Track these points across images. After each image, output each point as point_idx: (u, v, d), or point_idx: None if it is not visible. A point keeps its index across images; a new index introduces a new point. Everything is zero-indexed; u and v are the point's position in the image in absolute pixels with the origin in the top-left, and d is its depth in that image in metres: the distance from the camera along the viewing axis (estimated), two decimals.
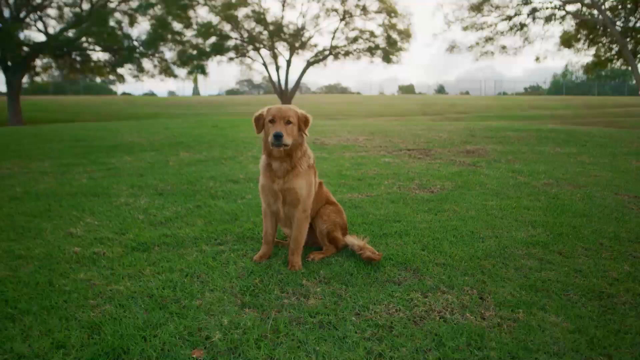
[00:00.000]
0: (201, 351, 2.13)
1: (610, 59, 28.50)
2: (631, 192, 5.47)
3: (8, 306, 2.51)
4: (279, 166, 3.11)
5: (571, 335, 2.34)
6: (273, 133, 2.91)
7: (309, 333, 2.31)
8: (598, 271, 3.17)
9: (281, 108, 3.08)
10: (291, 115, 3.04)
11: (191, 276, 2.93)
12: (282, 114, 3.02)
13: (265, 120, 3.05)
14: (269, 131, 2.99)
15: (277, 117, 3.00)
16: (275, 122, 2.99)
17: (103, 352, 2.08)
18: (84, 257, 3.21)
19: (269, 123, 3.02)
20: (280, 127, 2.96)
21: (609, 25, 22.85)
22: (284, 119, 3.00)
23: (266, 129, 3.06)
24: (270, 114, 3.04)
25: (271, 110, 3.08)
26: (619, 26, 26.06)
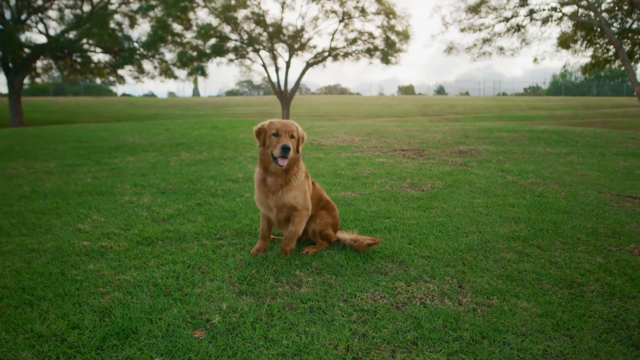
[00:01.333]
0: (202, 332, 2.36)
1: (608, 60, 28.70)
2: (614, 191, 5.71)
3: (25, 293, 2.74)
4: (274, 181, 3.20)
5: (539, 319, 2.58)
6: (281, 145, 2.99)
7: (300, 317, 2.54)
8: (572, 263, 3.40)
9: (285, 122, 3.13)
10: (294, 130, 3.13)
11: (192, 267, 3.16)
12: (286, 128, 3.09)
13: (268, 133, 3.11)
14: (273, 144, 3.06)
15: (281, 130, 3.07)
16: (280, 136, 3.06)
17: (114, 332, 2.31)
18: (92, 251, 3.44)
19: (272, 136, 3.08)
20: (286, 140, 3.04)
21: (605, 27, 23.09)
22: (289, 133, 3.09)
23: (269, 141, 3.11)
24: (274, 127, 3.10)
25: (274, 124, 3.13)
26: (615, 27, 26.34)
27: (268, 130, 3.13)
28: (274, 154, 3.07)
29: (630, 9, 24.75)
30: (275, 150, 3.05)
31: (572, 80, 74.62)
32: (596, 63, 29.82)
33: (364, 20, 32.30)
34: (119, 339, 2.27)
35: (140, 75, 34.01)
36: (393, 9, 31.32)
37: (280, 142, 3.03)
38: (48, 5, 31.25)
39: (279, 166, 3.09)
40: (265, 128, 3.15)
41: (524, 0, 25.22)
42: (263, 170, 3.22)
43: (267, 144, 3.14)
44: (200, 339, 2.30)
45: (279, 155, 3.02)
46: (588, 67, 31.86)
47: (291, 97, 33.02)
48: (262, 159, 3.22)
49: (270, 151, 3.11)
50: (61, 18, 32.01)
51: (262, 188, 3.25)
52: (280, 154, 3.01)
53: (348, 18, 32.05)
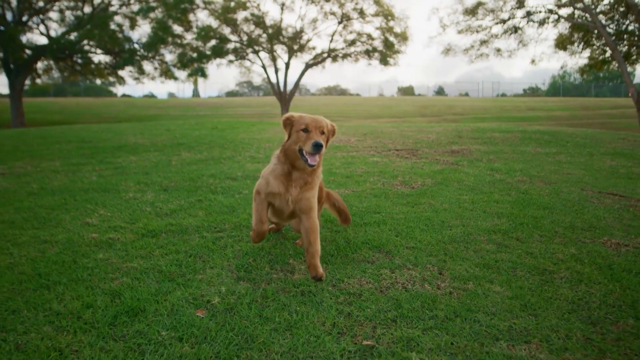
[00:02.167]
0: (203, 311, 2.62)
1: (605, 61, 28.96)
2: (596, 188, 5.97)
3: (42, 278, 3.00)
4: (299, 176, 3.08)
5: (509, 301, 2.84)
6: (313, 142, 2.86)
7: (292, 299, 2.80)
8: (547, 253, 3.67)
9: (316, 118, 3.01)
10: (324, 127, 3.01)
11: (194, 256, 3.43)
12: (317, 123, 2.97)
13: (296, 128, 2.98)
14: (302, 140, 2.93)
15: (312, 126, 2.95)
16: (310, 132, 2.93)
17: (124, 311, 2.57)
18: (101, 242, 3.70)
19: (301, 132, 2.95)
20: (317, 136, 2.92)
21: (600, 29, 23.37)
22: (319, 129, 2.97)
23: (296, 137, 2.98)
24: (304, 122, 2.97)
25: (305, 118, 3.00)
26: (612, 29, 26.62)
27: (297, 123, 2.99)
28: (303, 150, 2.93)
29: (627, 11, 25.01)
30: (306, 147, 2.90)
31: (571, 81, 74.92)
32: (593, 64, 30.13)
33: (363, 22, 32.64)
34: (129, 316, 2.53)
35: (140, 76, 34.30)
36: (391, 11, 31.64)
37: (312, 139, 2.88)
38: (49, 6, 31.53)
39: (309, 165, 2.95)
40: (294, 120, 3.02)
41: (520, 2, 25.51)
42: (289, 165, 3.07)
43: (294, 138, 3.00)
44: (202, 317, 2.56)
45: (310, 152, 2.89)
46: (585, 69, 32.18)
47: (290, 98, 33.28)
48: (287, 153, 3.06)
49: (297, 147, 2.97)
50: (62, 19, 32.29)
51: (284, 182, 3.09)
52: (312, 151, 2.87)
53: (347, 20, 32.37)
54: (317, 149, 2.86)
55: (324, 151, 2.95)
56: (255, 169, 6.81)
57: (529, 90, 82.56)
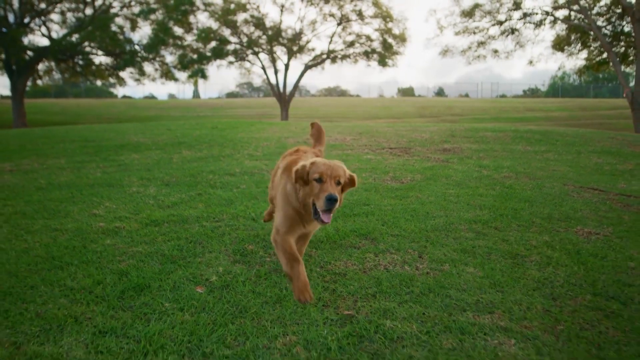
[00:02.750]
0: (202, 287, 2.91)
1: (601, 62, 29.21)
2: (578, 183, 6.25)
3: (55, 261, 3.28)
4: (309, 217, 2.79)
5: (480, 279, 3.12)
6: (327, 196, 2.50)
7: (283, 278, 3.09)
8: (521, 240, 3.95)
9: (332, 165, 2.66)
10: (341, 175, 2.67)
11: (194, 242, 3.71)
12: (333, 172, 2.62)
13: (310, 176, 2.64)
14: (315, 192, 2.59)
15: (326, 175, 2.60)
16: (324, 182, 2.59)
17: (131, 287, 2.86)
18: (108, 230, 3.99)
19: (314, 182, 2.61)
20: (332, 188, 2.57)
21: (596, 30, 23.67)
22: (335, 179, 2.62)
23: (309, 188, 2.65)
24: (318, 170, 2.62)
25: (318, 165, 2.65)
26: (609, 30, 26.93)
27: (310, 172, 2.65)
28: (316, 205, 2.60)
29: (623, 12, 25.29)
30: (318, 202, 2.56)
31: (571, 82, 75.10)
32: (590, 66, 30.42)
33: (362, 24, 32.98)
34: (135, 291, 2.82)
35: (141, 78, 34.62)
36: (390, 13, 31.96)
37: (325, 192, 2.53)
38: (51, 8, 31.87)
39: (321, 223, 2.62)
40: (307, 169, 2.67)
41: (517, 4, 25.83)
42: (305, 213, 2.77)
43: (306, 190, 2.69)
44: (201, 292, 2.85)
45: (323, 209, 2.55)
46: (583, 70, 32.46)
47: (290, 99, 33.58)
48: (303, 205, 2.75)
49: (310, 200, 2.64)
50: (63, 21, 32.62)
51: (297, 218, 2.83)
52: (325, 207, 2.52)
53: (346, 21, 32.70)
54: (331, 204, 2.51)
55: (339, 205, 2.60)
56: (252, 165, 7.09)
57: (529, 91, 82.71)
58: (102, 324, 2.42)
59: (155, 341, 2.26)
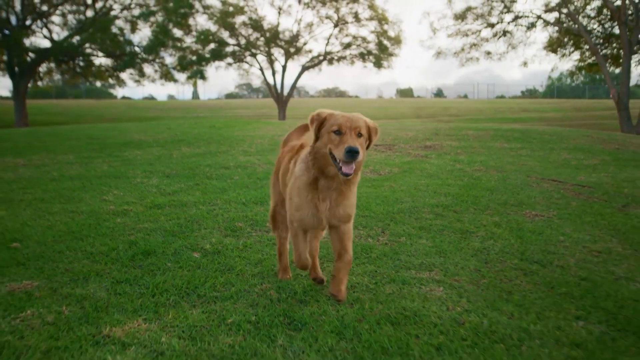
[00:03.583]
0: (198, 253, 3.55)
1: (593, 63, 29.83)
2: (541, 175, 6.90)
3: (75, 234, 3.92)
4: (327, 185, 2.57)
5: (428, 248, 3.76)
6: (347, 147, 2.34)
7: (265, 247, 3.72)
8: (474, 221, 4.59)
9: (351, 117, 2.50)
10: (362, 127, 2.50)
11: (192, 221, 4.35)
12: (352, 123, 2.46)
13: (327, 127, 2.49)
14: (335, 143, 2.42)
15: (345, 126, 2.44)
16: (344, 134, 2.43)
17: (139, 252, 3.50)
18: (117, 212, 4.63)
19: (332, 133, 2.45)
20: (352, 139, 2.41)
21: (583, 33, 24.34)
22: (355, 130, 2.45)
23: (327, 138, 2.48)
24: (336, 122, 2.46)
25: (336, 117, 2.50)
26: (600, 32, 27.61)
27: (328, 123, 2.50)
28: (335, 156, 2.43)
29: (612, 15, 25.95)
30: (338, 153, 2.40)
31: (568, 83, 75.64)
32: (582, 67, 31.09)
33: (358, 26, 33.66)
34: (143, 255, 3.45)
35: (141, 79, 35.24)
36: (385, 16, 32.65)
37: (346, 143, 2.37)
38: (52, 10, 32.49)
39: (343, 175, 2.42)
40: (324, 118, 2.53)
41: (507, 7, 26.50)
42: (318, 171, 2.55)
43: (324, 140, 2.50)
44: (197, 256, 3.49)
45: (343, 160, 2.38)
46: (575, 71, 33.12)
47: (287, 100, 34.22)
48: (316, 157, 2.54)
49: (328, 150, 2.47)
50: (64, 23, 33.24)
51: (309, 194, 2.59)
52: (345, 158, 2.36)
53: (343, 23, 33.39)
54: (352, 156, 2.34)
55: (361, 158, 2.43)
56: (246, 160, 7.73)
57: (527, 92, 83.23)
58: (118, 276, 3.06)
59: (160, 287, 2.90)
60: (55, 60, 32.89)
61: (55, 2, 32.25)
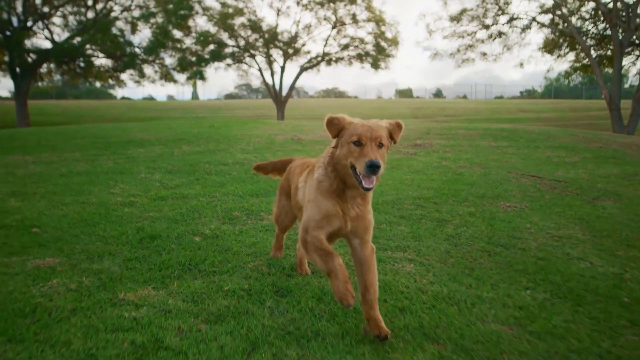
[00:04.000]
0: (198, 237, 3.97)
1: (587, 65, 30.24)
2: (521, 171, 7.32)
3: (88, 221, 4.34)
4: (355, 194, 2.50)
5: (406, 233, 4.19)
6: (368, 162, 2.26)
7: (258, 232, 4.14)
8: (452, 211, 5.02)
9: (372, 125, 2.40)
10: (383, 136, 2.41)
11: (192, 211, 4.77)
12: (373, 133, 2.36)
13: (346, 137, 2.40)
14: (354, 155, 2.34)
15: (365, 137, 2.34)
16: (364, 145, 2.33)
17: (146, 236, 3.92)
18: (124, 203, 5.05)
19: (352, 144, 2.36)
20: (373, 152, 2.32)
21: (576, 35, 24.78)
22: (376, 141, 2.36)
23: (347, 149, 2.39)
24: (356, 132, 2.37)
25: (356, 126, 2.40)
26: (594, 33, 28.06)
27: (347, 132, 2.41)
28: (356, 169, 2.35)
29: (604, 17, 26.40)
30: (358, 166, 2.32)
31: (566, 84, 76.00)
32: (577, 68, 31.55)
33: (356, 27, 34.09)
34: (150, 238, 3.88)
35: (141, 80, 35.66)
36: (382, 17, 33.09)
37: (366, 157, 2.29)
38: (53, 12, 32.90)
39: (363, 188, 2.35)
40: (344, 125, 2.44)
41: (502, 9, 26.95)
42: (340, 181, 2.48)
43: (344, 151, 2.41)
44: (197, 240, 3.91)
45: (364, 174, 2.30)
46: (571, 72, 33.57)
47: (285, 100, 34.64)
48: (336, 168, 2.48)
49: (349, 162, 2.39)
50: (65, 24, 33.64)
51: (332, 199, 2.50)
52: (366, 173, 2.29)
53: (341, 24, 33.83)
54: (373, 170, 2.27)
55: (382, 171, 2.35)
56: (243, 158, 8.15)
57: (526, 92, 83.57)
58: (128, 255, 3.48)
59: (165, 264, 3.32)
60: (56, 61, 33.27)
61: (57, 3, 32.63)
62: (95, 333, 2.31)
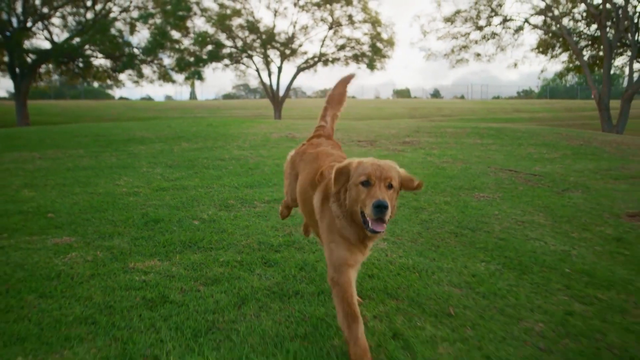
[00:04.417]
0: (197, 221, 4.43)
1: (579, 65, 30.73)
2: (500, 166, 7.80)
3: (97, 208, 4.80)
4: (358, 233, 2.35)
5: None
6: (375, 202, 2.14)
7: (252, 217, 4.60)
8: (429, 200, 5.48)
9: (381, 165, 2.29)
10: (394, 177, 2.28)
11: (192, 199, 5.23)
12: (383, 173, 2.24)
13: (354, 179, 2.26)
14: (362, 197, 2.21)
15: (374, 177, 2.22)
16: (372, 185, 2.21)
17: (150, 220, 4.38)
18: (129, 193, 5.51)
19: (360, 186, 2.23)
20: (382, 192, 2.19)
21: (566, 36, 25.31)
22: (385, 181, 2.24)
23: (354, 192, 2.26)
24: (364, 171, 2.24)
25: (365, 166, 2.27)
26: (586, 34, 28.60)
27: (355, 174, 2.27)
28: (363, 212, 2.23)
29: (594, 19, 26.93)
30: (365, 208, 2.20)
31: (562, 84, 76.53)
32: (571, 68, 32.08)
33: (352, 28, 34.58)
34: (154, 222, 4.34)
35: (139, 80, 36.08)
36: (378, 19, 33.59)
37: (374, 197, 2.16)
38: (52, 12, 33.29)
39: (370, 232, 2.22)
40: (351, 170, 2.30)
41: (494, 10, 27.46)
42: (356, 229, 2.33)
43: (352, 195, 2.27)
44: (196, 223, 4.37)
45: (372, 218, 2.17)
46: (564, 73, 34.11)
47: (283, 100, 35.10)
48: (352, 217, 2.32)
49: (358, 208, 2.25)
50: (64, 25, 34.03)
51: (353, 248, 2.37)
52: (374, 215, 2.15)
53: (337, 25, 34.32)
54: (381, 211, 2.14)
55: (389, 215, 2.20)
56: (239, 154, 8.61)
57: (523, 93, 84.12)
58: (135, 235, 3.94)
59: (168, 242, 3.78)
60: (55, 61, 33.65)
61: (56, 4, 33.00)
62: (112, 291, 2.77)
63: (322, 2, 33.35)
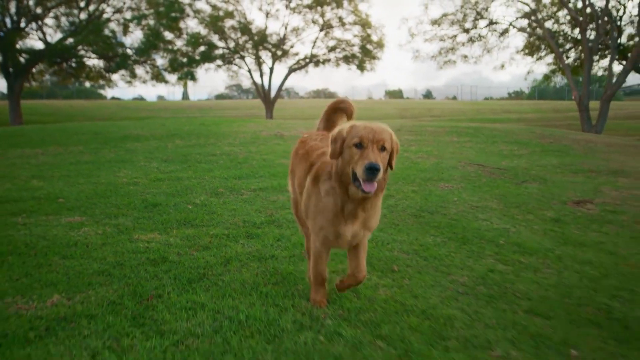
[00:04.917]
0: (190, 205, 5.06)
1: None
2: (470, 161, 8.49)
3: (102, 195, 5.41)
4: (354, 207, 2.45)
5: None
6: (367, 164, 2.19)
7: (241, 203, 5.24)
8: (398, 189, 6.14)
9: (374, 128, 2.33)
10: (386, 139, 2.34)
11: (185, 188, 5.85)
12: (375, 136, 2.29)
13: (348, 142, 2.32)
14: (355, 159, 2.27)
15: (367, 139, 2.28)
16: (365, 148, 2.27)
17: (149, 204, 5.00)
18: (129, 183, 6.12)
19: (353, 147, 2.29)
20: (374, 154, 2.25)
21: (549, 39, 26.17)
22: (378, 143, 2.29)
23: (348, 154, 2.32)
24: (357, 134, 2.30)
25: (357, 128, 2.32)
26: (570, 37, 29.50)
27: (348, 137, 2.34)
28: (355, 173, 2.29)
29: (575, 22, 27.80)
30: (357, 169, 2.26)
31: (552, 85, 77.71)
32: (555, 70, 33.00)
33: (343, 30, 35.31)
34: (153, 206, 4.96)
35: (132, 80, 36.52)
36: (368, 21, 34.35)
37: (366, 159, 2.23)
38: (46, 13, 33.64)
39: (363, 192, 2.29)
40: (344, 134, 2.36)
41: (480, 14, 28.29)
42: (342, 192, 2.40)
43: (346, 157, 2.35)
44: (190, 207, 5.00)
45: (363, 178, 2.24)
46: (550, 74, 35.03)
47: (274, 101, 35.72)
48: (340, 178, 2.40)
49: (350, 169, 2.32)
50: (58, 25, 34.38)
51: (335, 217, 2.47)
52: (365, 177, 2.22)
53: (328, 27, 35.02)
54: (372, 173, 2.20)
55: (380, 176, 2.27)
56: (230, 150, 9.24)
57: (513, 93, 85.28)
58: (137, 216, 4.57)
59: (166, 221, 4.41)
60: (48, 61, 33.98)
61: (49, 4, 33.34)
62: (121, 254, 3.40)
63: (314, 4, 34.04)
